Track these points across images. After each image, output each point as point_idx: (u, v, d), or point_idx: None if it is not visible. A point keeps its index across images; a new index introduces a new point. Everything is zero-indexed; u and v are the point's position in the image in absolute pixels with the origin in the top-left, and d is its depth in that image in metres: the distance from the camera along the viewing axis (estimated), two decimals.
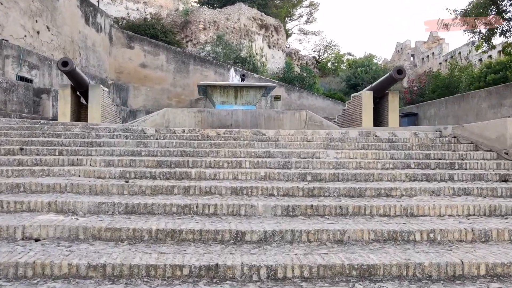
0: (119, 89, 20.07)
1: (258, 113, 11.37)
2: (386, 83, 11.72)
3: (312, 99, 25.06)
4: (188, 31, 30.73)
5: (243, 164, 6.42)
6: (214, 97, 12.33)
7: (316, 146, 7.80)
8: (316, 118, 11.29)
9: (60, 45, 16.57)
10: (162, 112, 11.01)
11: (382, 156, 7.25)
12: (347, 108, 13.03)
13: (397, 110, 12.01)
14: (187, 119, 11.09)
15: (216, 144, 7.59)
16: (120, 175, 5.69)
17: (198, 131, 8.67)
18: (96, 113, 11.25)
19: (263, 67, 30.91)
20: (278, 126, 11.29)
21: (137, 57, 21.29)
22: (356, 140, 8.41)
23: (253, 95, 12.38)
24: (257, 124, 11.28)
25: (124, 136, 8.01)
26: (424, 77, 29.82)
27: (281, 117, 11.35)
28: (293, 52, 45.35)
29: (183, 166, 6.30)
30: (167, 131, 8.65)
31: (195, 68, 22.37)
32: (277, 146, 7.72)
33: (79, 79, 10.95)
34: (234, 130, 8.77)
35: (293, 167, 6.48)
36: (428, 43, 40.59)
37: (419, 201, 5.05)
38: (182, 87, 21.98)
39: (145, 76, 21.42)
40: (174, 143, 7.53)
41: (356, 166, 6.59)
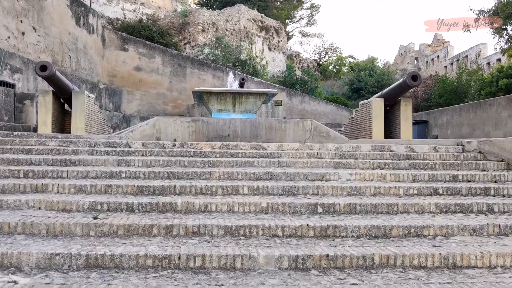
0: (112, 94, 19.05)
1: (258, 122, 10.34)
2: (398, 90, 10.70)
3: (314, 104, 24.04)
4: (186, 33, 29.76)
5: (240, 190, 5.39)
6: (211, 104, 11.31)
7: (325, 164, 6.77)
8: (322, 129, 10.27)
9: (47, 47, 15.55)
10: (152, 121, 9.99)
11: (403, 177, 6.23)
12: (355, 116, 12.02)
13: (410, 119, 11.00)
14: (180, 129, 10.07)
15: (210, 163, 6.57)
16: (90, 206, 4.66)
17: (191, 145, 7.66)
18: (80, 122, 10.22)
19: (264, 70, 29.90)
20: (280, 137, 10.27)
21: (131, 60, 20.27)
22: (370, 156, 7.40)
23: (253, 102, 11.36)
24: (257, 134, 10.26)
25: (105, 152, 6.98)
26: (430, 81, 28.80)
27: (284, 127, 10.33)
28: (294, 55, 44.42)
29: (168, 193, 5.27)
30: (155, 145, 7.63)
31: (193, 72, 21.35)
32: (280, 164, 6.69)
33: (60, 84, 9.92)
34: (231, 144, 7.76)
35: (300, 193, 5.45)
36: (433, 46, 39.59)
37: (460, 245, 4.02)
38: (178, 92, 20.96)
39: (139, 79, 20.40)
40: (161, 161, 6.50)
41: (374, 192, 5.56)
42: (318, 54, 52.98)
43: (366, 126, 11.18)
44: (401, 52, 45.48)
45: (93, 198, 4.88)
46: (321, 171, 6.22)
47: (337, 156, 7.34)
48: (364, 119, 11.31)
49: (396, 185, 5.72)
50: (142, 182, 5.49)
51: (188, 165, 6.51)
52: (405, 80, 10.18)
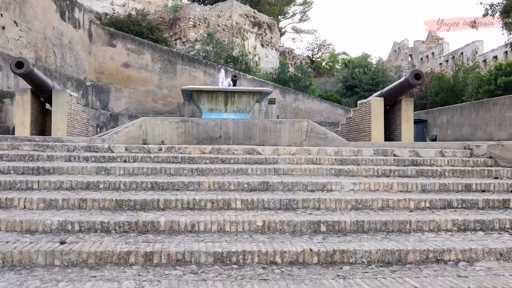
0: (99, 91, 18.34)
1: (252, 123, 9.73)
2: (399, 89, 10.13)
3: (308, 101, 23.47)
4: (177, 29, 29.06)
5: (232, 204, 4.79)
6: (201, 103, 10.68)
7: (325, 172, 6.19)
8: (319, 130, 9.68)
9: (30, 43, 14.81)
10: (138, 122, 9.34)
11: (411, 187, 5.66)
12: (353, 116, 11.45)
13: (411, 120, 10.44)
14: (168, 130, 9.43)
15: (199, 170, 5.96)
16: (59, 227, 4.03)
17: (178, 150, 7.05)
18: (61, 123, 9.55)
19: (256, 67, 29.27)
20: (275, 139, 9.68)
21: (119, 56, 19.55)
22: (373, 161, 6.83)
23: (246, 102, 10.75)
24: (250, 136, 9.66)
25: (83, 158, 6.35)
26: (425, 78, 28.33)
27: (279, 128, 9.73)
28: (287, 51, 43.87)
29: (151, 207, 4.65)
30: (140, 149, 7.01)
31: (183, 68, 20.67)
32: (277, 172, 6.10)
33: (39, 82, 9.23)
34: (223, 148, 7.16)
35: (299, 207, 4.86)
36: (427, 42, 39.19)
37: (490, 275, 3.45)
38: (168, 89, 20.27)
39: (128, 76, 19.69)
40: (145, 169, 5.88)
41: (382, 205, 4.99)
42: (311, 50, 52.50)
43: (365, 127, 10.62)
44: (395, 49, 45.05)
45: (64, 215, 4.25)
46: (321, 180, 5.63)
47: (337, 162, 6.76)
48: (363, 119, 10.75)
49: (406, 197, 5.15)
50: (122, 195, 4.87)
51: (175, 173, 5.89)
52: (407, 78, 9.61)
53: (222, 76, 12.67)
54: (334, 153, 7.33)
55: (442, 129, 14.03)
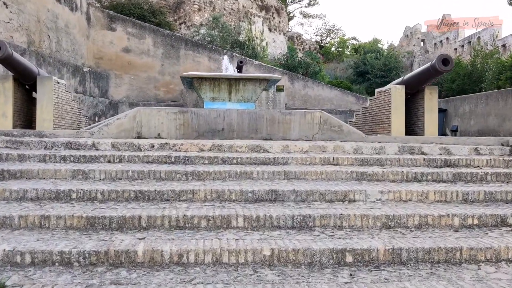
0: (97, 78, 17.37)
1: (258, 114, 8.75)
2: (424, 77, 9.07)
3: (318, 89, 22.38)
4: (181, 12, 28.00)
5: (233, 222, 3.82)
6: (203, 92, 9.69)
7: (345, 175, 5.20)
8: (333, 122, 8.68)
9: (22, 26, 13.83)
10: (132, 113, 8.39)
11: (451, 197, 4.66)
12: (369, 106, 10.41)
13: (435, 111, 9.39)
14: (165, 122, 8.48)
15: (195, 174, 5.00)
16: (5, 258, 3.09)
17: (173, 146, 6.09)
18: (47, 113, 8.62)
19: (264, 52, 28.15)
20: (284, 132, 8.70)
21: (119, 40, 18.53)
22: (399, 161, 5.83)
23: (252, 90, 9.74)
24: (256, 129, 8.68)
25: (61, 158, 5.40)
26: None
27: (288, 119, 8.74)
28: (295, 36, 42.65)
29: (130, 226, 3.71)
30: (129, 146, 6.06)
31: (187, 54, 19.63)
32: (287, 176, 5.13)
33: (20, 68, 8.28)
34: (224, 145, 6.19)
35: (316, 225, 3.89)
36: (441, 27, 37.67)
37: None
38: (171, 75, 19.26)
39: (128, 62, 18.68)
40: (130, 172, 4.92)
41: (419, 223, 4.00)
42: (320, 36, 51.21)
43: (383, 118, 9.58)
44: (407, 33, 43.57)
45: (15, 241, 3.32)
46: (341, 188, 4.65)
47: (358, 162, 5.77)
48: (381, 109, 9.71)
49: (447, 211, 4.15)
50: (97, 209, 3.92)
51: (166, 178, 4.93)
52: (433, 64, 8.54)
53: (226, 62, 11.60)
54: (353, 151, 6.34)
55: (464, 119, 12.96)
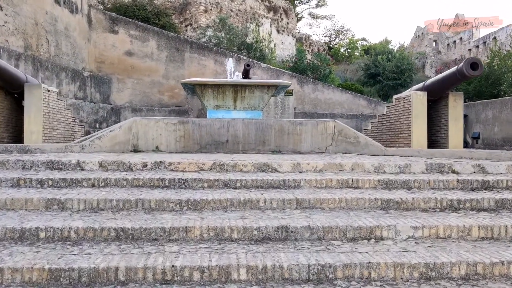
0: (99, 82, 16.69)
1: (266, 124, 7.99)
2: (449, 82, 8.25)
3: (328, 92, 21.55)
4: (187, 14, 27.37)
5: (233, 274, 3.04)
6: (205, 99, 8.94)
7: (368, 203, 4.40)
8: (348, 132, 7.89)
9: (18, 29, 13.19)
10: (127, 124, 7.66)
11: (499, 233, 3.85)
12: (387, 113, 9.59)
13: (460, 119, 8.57)
14: (164, 133, 7.75)
15: (192, 203, 4.23)
16: None
17: (169, 165, 5.34)
18: (36, 125, 7.91)
19: (272, 55, 27.38)
20: (295, 144, 7.94)
21: (121, 43, 17.85)
22: (429, 184, 5.02)
23: (259, 97, 8.97)
24: (264, 140, 7.92)
25: (37, 182, 4.67)
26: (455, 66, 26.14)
27: (299, 130, 7.97)
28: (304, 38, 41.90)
29: (105, 281, 2.94)
30: (119, 165, 5.31)
31: (192, 57, 18.91)
32: (300, 204, 4.34)
33: (6, 76, 7.57)
34: (227, 163, 5.43)
35: (338, 278, 3.10)
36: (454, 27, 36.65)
37: None
38: (176, 79, 18.54)
39: (131, 66, 17.99)
40: (114, 201, 4.17)
41: (467, 273, 3.20)
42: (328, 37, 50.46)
43: (403, 127, 8.77)
44: (418, 34, 42.61)
45: None
46: (366, 222, 3.85)
47: (381, 185, 4.98)
48: (400, 117, 8.89)
49: (500, 257, 3.34)
50: (65, 257, 3.16)
51: (156, 208, 4.17)
52: (460, 69, 7.73)
53: (230, 66, 10.76)
54: (374, 169, 5.55)
55: (487, 125, 12.08)
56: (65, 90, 14.23)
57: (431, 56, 35.49)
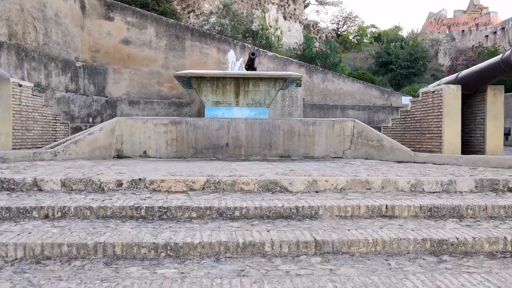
0: (92, 73, 15.53)
1: (272, 124, 6.82)
2: (490, 74, 7.00)
3: (339, 82, 20.28)
4: (190, 0, 26.08)
5: None
6: (203, 94, 7.76)
7: (413, 247, 3.23)
8: (370, 134, 6.70)
9: (1, 16, 12.03)
10: (109, 125, 6.52)
11: None
12: (411, 110, 8.36)
13: (501, 117, 7.34)
14: (153, 136, 6.59)
15: (172, 248, 3.07)
16: None
17: (150, 184, 4.20)
18: (4, 125, 6.77)
19: (278, 42, 26.07)
20: (306, 147, 6.77)
21: (118, 31, 16.65)
22: (486, 210, 3.84)
23: (265, 91, 7.77)
24: (270, 143, 6.75)
25: None
26: (472, 54, 24.73)
27: (312, 131, 6.79)
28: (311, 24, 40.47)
29: None
30: (87, 184, 4.18)
31: (193, 45, 17.68)
32: (320, 248, 3.17)
33: None
34: (224, 181, 4.27)
35: None
36: (469, 12, 35.06)
37: None
38: (176, 69, 17.33)
39: (128, 55, 16.80)
40: (65, 247, 3.03)
41: None
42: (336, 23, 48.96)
43: (431, 126, 7.55)
44: (431, 20, 40.95)
45: None
46: (417, 284, 2.69)
47: (424, 212, 3.80)
48: (428, 115, 7.67)
49: None
50: None
51: (123, 255, 3.02)
52: (506, 58, 6.47)
53: (233, 56, 9.46)
54: (409, 187, 4.38)
55: None
56: (55, 82, 13.11)
57: (445, 43, 33.98)
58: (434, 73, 30.04)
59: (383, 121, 20.54)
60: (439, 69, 31.59)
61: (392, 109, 20.80)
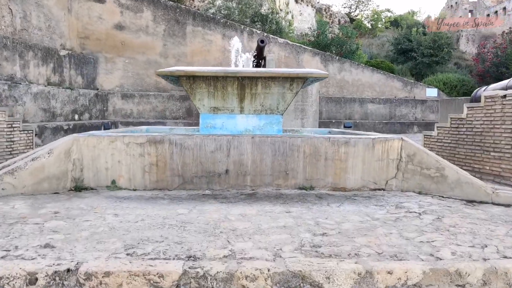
0: (80, 63, 13.68)
1: (290, 144, 4.96)
2: None
3: (357, 72, 18.28)
4: None
5: None
6: (197, 98, 5.91)
7: None
8: (426, 160, 4.82)
9: None
10: (63, 146, 4.68)
11: None
12: (467, 118, 6.44)
13: None
14: (125, 160, 4.76)
15: None
16: None
17: (86, 280, 2.32)
18: None
19: (289, 27, 24.04)
20: (336, 175, 4.90)
21: (110, 14, 14.77)
22: None
23: (279, 95, 5.91)
24: (286, 169, 4.91)
25: None
26: (503, 40, 22.53)
27: (343, 153, 4.93)
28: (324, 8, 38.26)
29: None
30: None
31: (195, 30, 15.75)
32: None
33: None
34: (213, 274, 2.38)
35: None
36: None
37: None
38: (176, 58, 15.48)
39: (122, 42, 14.92)
40: None
41: None
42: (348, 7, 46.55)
43: (500, 142, 5.64)
44: (451, 4, 38.50)
45: None
46: None
47: None
48: (495, 127, 5.76)
49: None
50: None
51: None
52: None
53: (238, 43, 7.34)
54: None
55: None
56: (33, 74, 11.31)
57: (468, 29, 31.63)
58: (457, 61, 27.87)
59: (405, 116, 18.62)
60: (461, 57, 29.38)
61: (416, 103, 18.83)
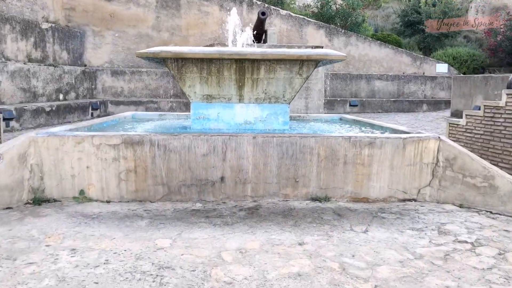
0: (65, 37, 12.56)
1: (300, 145, 3.99)
2: None
3: (364, 46, 17.16)
4: None
5: None
6: (187, 84, 4.94)
7: None
8: (470, 166, 3.86)
9: None
10: (16, 148, 3.71)
11: None
12: (507, 106, 5.49)
13: None
14: (95, 165, 3.81)
15: None
16: None
17: None
18: None
19: None
20: (356, 182, 3.96)
21: None
22: None
23: (285, 80, 4.93)
24: (295, 176, 3.96)
25: None
26: None
27: (366, 156, 3.97)
28: None
29: None
30: None
31: (190, 1, 14.56)
32: None
33: None
34: None
35: None
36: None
37: None
38: (170, 32, 14.35)
39: (111, 14, 13.76)
40: None
41: None
42: None
43: None
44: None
45: None
46: None
47: None
48: None
49: None
50: None
51: None
52: None
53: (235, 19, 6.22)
54: None
55: None
56: (11, 50, 10.25)
57: None
58: (467, 34, 26.67)
59: (414, 94, 17.59)
60: (471, 30, 28.14)
61: (426, 79, 17.78)
